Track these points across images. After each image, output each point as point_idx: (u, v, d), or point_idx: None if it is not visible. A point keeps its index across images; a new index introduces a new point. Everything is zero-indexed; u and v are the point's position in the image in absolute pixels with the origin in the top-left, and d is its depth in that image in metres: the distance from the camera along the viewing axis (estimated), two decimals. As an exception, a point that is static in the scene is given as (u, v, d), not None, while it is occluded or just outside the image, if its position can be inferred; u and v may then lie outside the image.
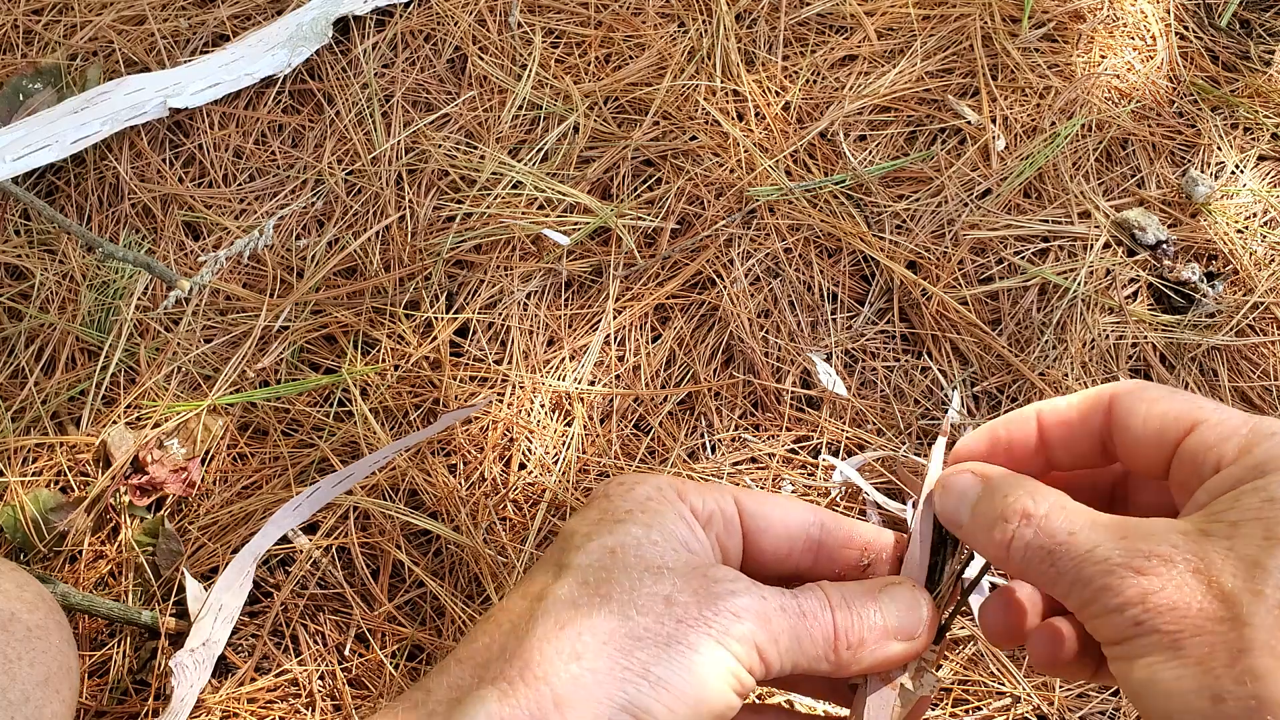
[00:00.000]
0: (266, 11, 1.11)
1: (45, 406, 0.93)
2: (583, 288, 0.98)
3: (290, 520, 0.87)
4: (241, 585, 0.85)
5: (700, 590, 0.40)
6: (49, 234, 1.01)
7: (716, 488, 0.45)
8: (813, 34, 1.09)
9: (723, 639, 0.39)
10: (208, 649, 0.82)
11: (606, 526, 0.42)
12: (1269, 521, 0.35)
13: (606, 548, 0.41)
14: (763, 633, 0.40)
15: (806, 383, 0.93)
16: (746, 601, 0.40)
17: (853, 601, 0.43)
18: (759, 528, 0.45)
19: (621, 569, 0.40)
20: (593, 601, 0.39)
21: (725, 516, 0.45)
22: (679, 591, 0.39)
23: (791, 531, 0.46)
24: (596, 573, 0.40)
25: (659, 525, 0.42)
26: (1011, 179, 1.01)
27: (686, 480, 0.45)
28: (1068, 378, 0.93)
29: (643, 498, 0.43)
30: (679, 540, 0.42)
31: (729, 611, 0.39)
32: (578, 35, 1.09)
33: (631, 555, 0.41)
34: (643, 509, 0.43)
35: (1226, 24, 1.12)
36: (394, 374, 0.93)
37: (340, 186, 1.02)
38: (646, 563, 0.40)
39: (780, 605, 0.41)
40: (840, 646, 0.42)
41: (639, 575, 0.40)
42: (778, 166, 1.01)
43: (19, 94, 1.07)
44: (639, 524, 0.42)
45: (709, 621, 0.39)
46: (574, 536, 0.42)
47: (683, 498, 0.44)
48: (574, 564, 0.41)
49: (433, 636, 0.84)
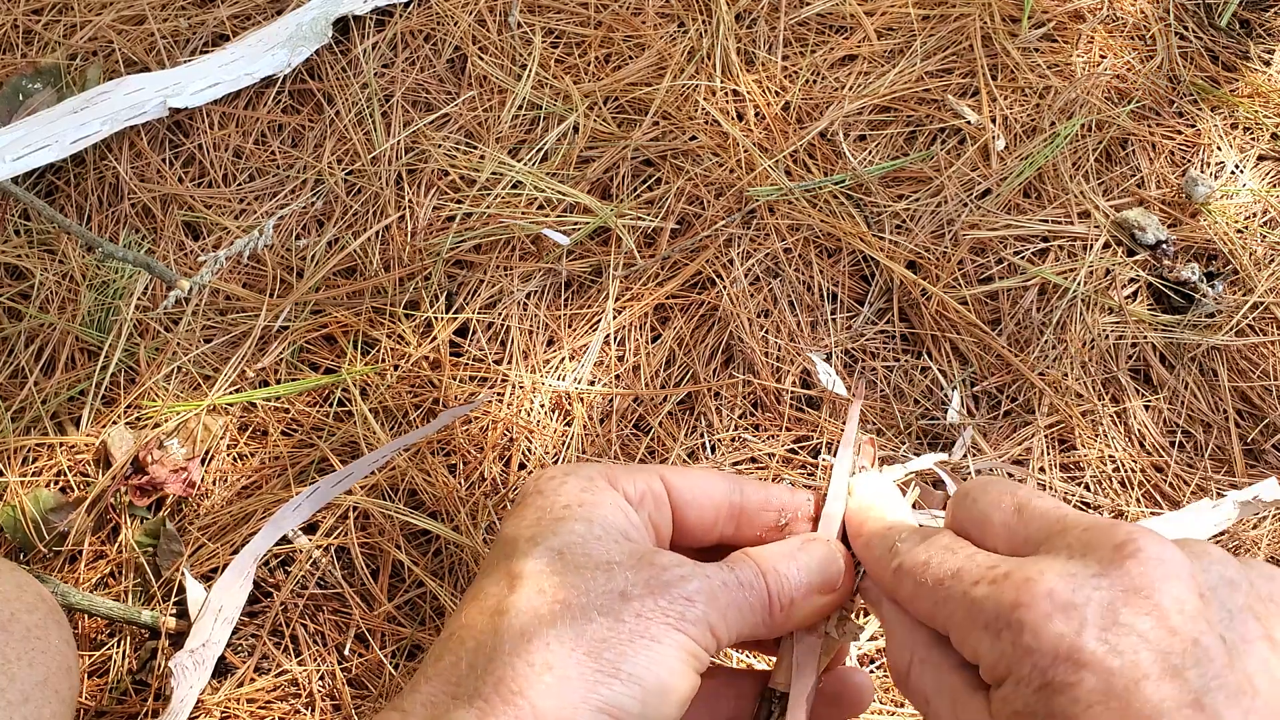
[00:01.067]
0: (266, 11, 1.11)
1: (45, 406, 0.93)
2: (583, 288, 0.98)
3: (290, 520, 0.87)
4: (242, 586, 0.85)
5: (651, 581, 0.41)
6: (49, 234, 1.01)
7: (643, 469, 0.47)
8: (813, 34, 1.09)
9: (680, 625, 0.40)
10: (208, 649, 0.82)
11: (548, 527, 0.43)
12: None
13: (553, 550, 0.42)
14: (713, 612, 0.41)
15: (806, 383, 0.93)
16: (696, 585, 0.41)
17: (777, 564, 0.45)
18: (685, 500, 0.47)
19: (573, 571, 0.41)
20: (552, 609, 0.40)
21: (655, 496, 0.46)
22: (631, 585, 0.41)
23: (716, 501, 0.48)
24: (549, 579, 0.41)
25: (598, 519, 0.43)
26: (1011, 179, 1.01)
27: (613, 465, 0.47)
28: (1067, 377, 0.93)
29: (576, 491, 0.44)
30: (618, 531, 0.43)
31: (682, 598, 0.41)
32: (578, 35, 1.09)
33: (579, 555, 0.42)
34: (579, 503, 0.44)
35: (1226, 24, 1.12)
36: (394, 374, 0.93)
37: (340, 186, 1.02)
38: (594, 560, 0.42)
39: (723, 582, 0.43)
40: (774, 610, 0.44)
41: (590, 575, 0.41)
42: (778, 166, 1.01)
43: (19, 94, 1.07)
44: (579, 520, 0.43)
45: (665, 611, 0.40)
46: (517, 542, 0.43)
47: (614, 484, 0.45)
48: (525, 572, 0.42)
49: (432, 636, 0.84)
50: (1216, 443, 0.92)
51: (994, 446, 0.91)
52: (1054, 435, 0.92)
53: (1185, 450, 0.92)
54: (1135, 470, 0.90)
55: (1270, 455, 0.92)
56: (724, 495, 0.48)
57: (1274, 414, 0.92)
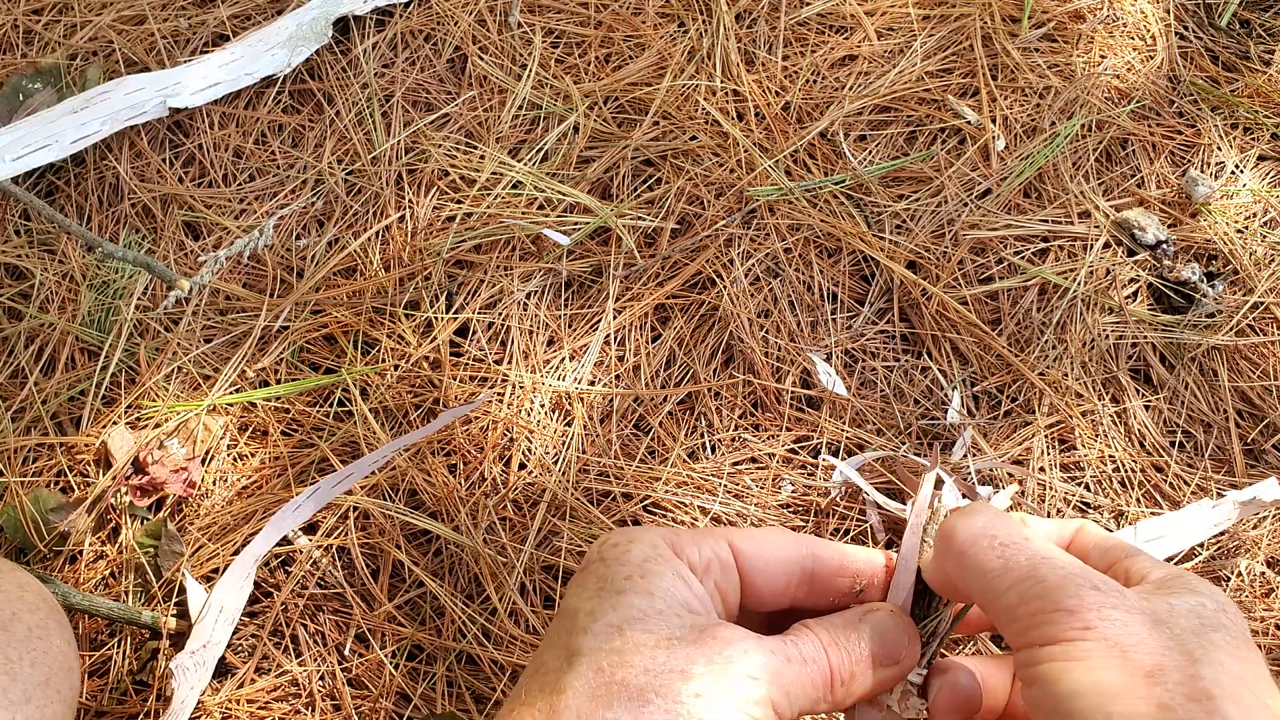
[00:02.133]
0: (266, 11, 1.11)
1: (45, 406, 0.93)
2: (583, 288, 0.98)
3: (290, 521, 0.87)
4: (242, 586, 0.85)
5: (713, 658, 0.40)
6: (49, 234, 1.01)
7: (709, 534, 0.45)
8: (813, 34, 1.09)
9: (742, 705, 0.39)
10: (209, 650, 0.82)
11: (608, 601, 0.42)
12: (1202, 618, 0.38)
13: (613, 626, 0.41)
14: (776, 689, 0.40)
15: (806, 383, 0.93)
16: (758, 661, 0.40)
17: (839, 637, 0.43)
18: (754, 568, 0.46)
19: (633, 649, 0.40)
20: (610, 690, 0.39)
21: (721, 562, 0.45)
22: (692, 663, 0.39)
23: (787, 567, 0.46)
24: (609, 656, 0.40)
25: (659, 591, 0.42)
26: (1011, 179, 1.01)
27: (679, 531, 0.45)
28: (1067, 377, 0.93)
29: (639, 560, 0.43)
30: (680, 603, 0.42)
31: (745, 676, 0.39)
32: (578, 35, 1.09)
33: (639, 632, 0.41)
34: (640, 573, 0.43)
35: (1226, 24, 1.12)
36: (394, 374, 0.93)
37: (340, 186, 1.02)
38: (656, 638, 0.40)
39: (786, 657, 0.41)
40: (835, 685, 0.42)
41: (650, 653, 0.40)
42: (778, 166, 1.01)
43: (19, 94, 1.07)
44: (639, 593, 0.42)
45: (727, 693, 0.39)
46: (578, 616, 0.42)
47: (679, 553, 0.44)
48: (584, 649, 0.40)
49: (432, 636, 0.84)
50: (1216, 443, 0.92)
51: (994, 446, 0.91)
52: (1054, 435, 0.92)
53: (1185, 450, 0.92)
54: (1135, 470, 0.90)
55: (1270, 455, 0.92)
56: (795, 560, 0.46)
57: (1274, 414, 0.92)
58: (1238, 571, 0.86)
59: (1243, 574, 0.86)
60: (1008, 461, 0.91)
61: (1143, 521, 0.88)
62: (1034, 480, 0.89)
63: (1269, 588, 0.86)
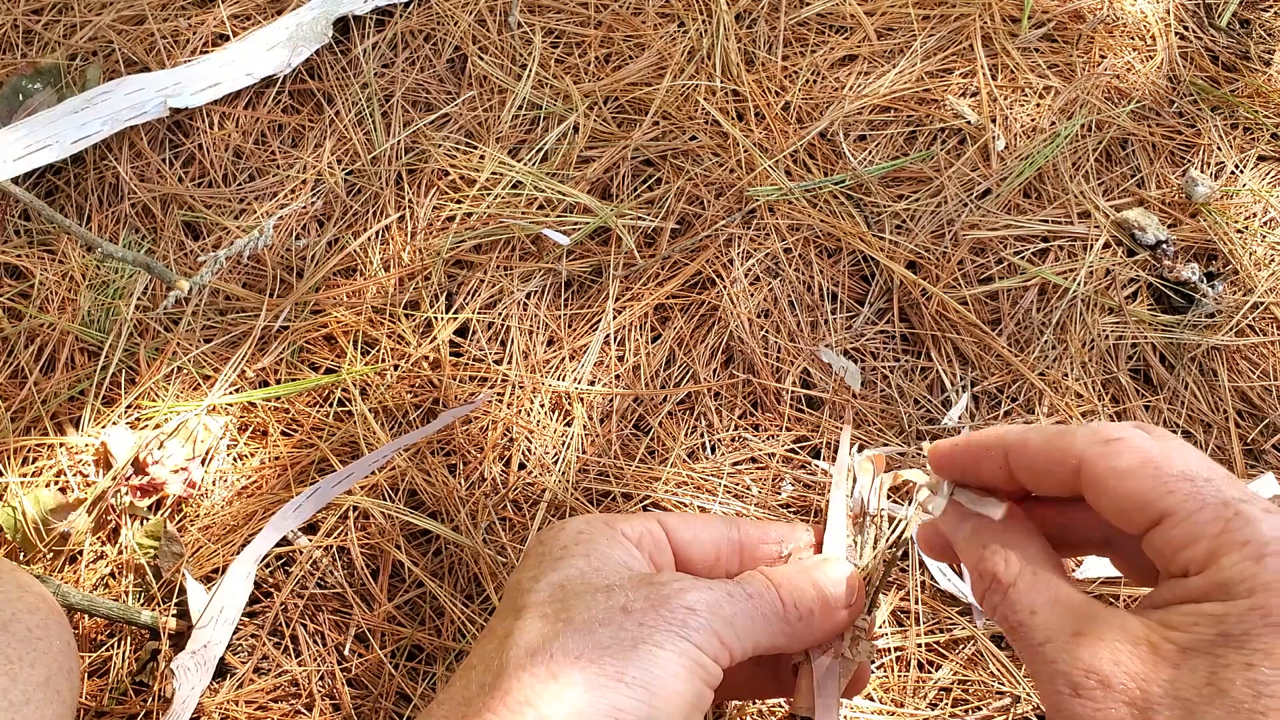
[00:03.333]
0: (266, 11, 1.11)
1: (45, 406, 0.93)
2: (582, 288, 0.98)
3: (290, 521, 0.87)
4: (242, 587, 0.85)
5: (652, 595, 0.42)
6: (49, 234, 1.01)
7: (640, 515, 0.49)
8: (813, 34, 1.09)
9: (683, 631, 0.41)
10: (209, 650, 0.82)
11: (549, 565, 0.44)
12: (1215, 663, 0.34)
13: (554, 583, 0.43)
14: (718, 620, 0.42)
15: (806, 383, 0.93)
16: (696, 595, 0.42)
17: (791, 578, 0.46)
18: (684, 540, 0.49)
19: (574, 596, 0.42)
20: (556, 627, 0.41)
21: (654, 537, 0.48)
22: (633, 600, 0.42)
23: (715, 539, 0.49)
24: (553, 604, 0.42)
25: (596, 553, 0.45)
26: (1011, 179, 1.01)
27: (612, 513, 0.49)
28: (1067, 378, 0.93)
29: (574, 533, 0.46)
30: (617, 562, 0.45)
31: (683, 607, 0.42)
32: (578, 35, 1.09)
33: (579, 584, 0.43)
34: (576, 542, 0.45)
35: (1226, 24, 1.12)
36: (394, 374, 0.93)
37: (340, 186, 1.02)
38: (595, 586, 0.43)
39: (728, 592, 0.43)
40: (790, 617, 0.45)
41: (592, 596, 0.42)
42: (778, 166, 1.01)
43: (19, 94, 1.07)
44: (578, 556, 0.45)
45: (667, 620, 0.41)
46: (521, 583, 0.45)
47: (612, 526, 0.47)
48: (530, 603, 0.43)
49: (432, 636, 0.84)
50: (1216, 443, 0.92)
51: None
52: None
53: (1185, 450, 0.92)
54: (1135, 470, 0.90)
55: (1270, 455, 0.92)
56: (723, 534, 0.49)
57: (1274, 414, 0.92)
58: (1238, 571, 0.86)
59: (1243, 574, 0.86)
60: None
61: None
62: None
63: (1269, 588, 0.86)
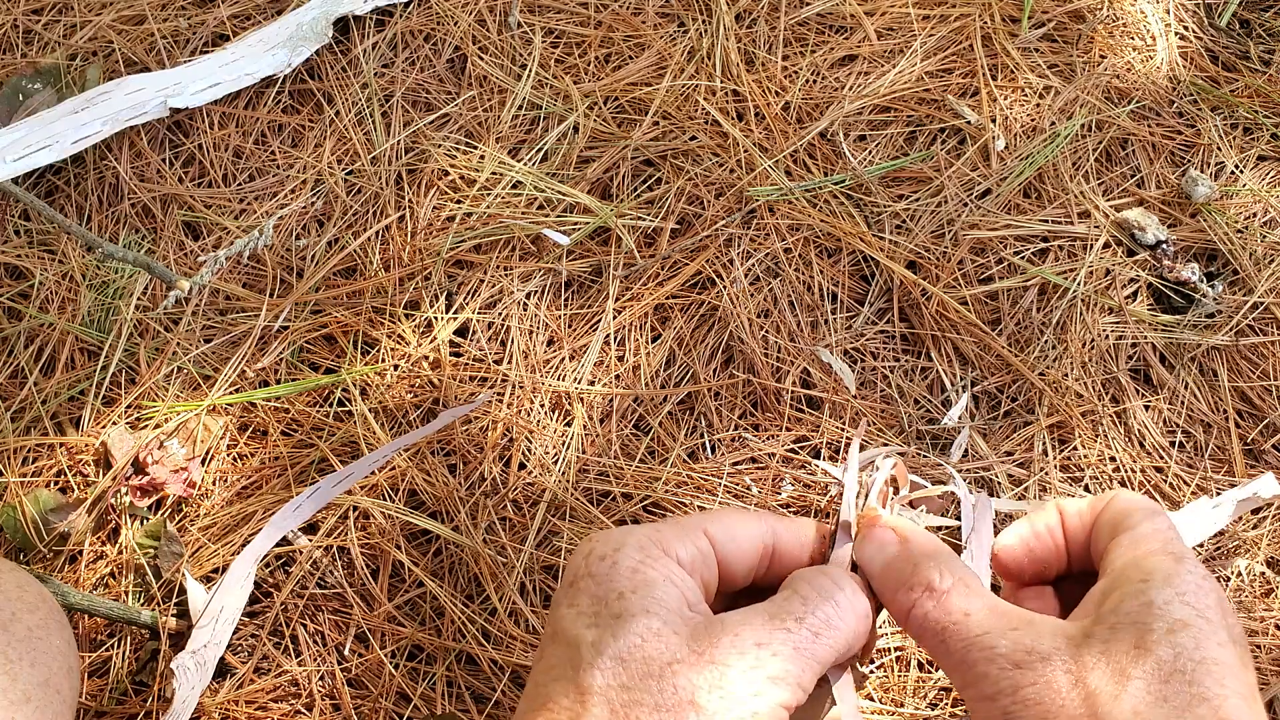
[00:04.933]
0: (266, 11, 1.11)
1: (45, 406, 0.93)
2: (582, 288, 0.98)
3: (290, 521, 0.87)
4: (242, 587, 0.85)
5: (717, 683, 0.40)
6: (49, 234, 1.01)
7: (690, 527, 0.46)
8: (813, 34, 1.09)
9: (754, 706, 0.40)
10: (209, 650, 0.82)
11: (608, 629, 0.42)
12: (1141, 630, 0.38)
13: (618, 659, 0.41)
14: (787, 693, 0.41)
15: (806, 383, 0.93)
16: (763, 677, 0.40)
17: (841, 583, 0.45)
18: (728, 553, 0.47)
19: (639, 684, 0.40)
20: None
21: (704, 555, 0.46)
22: (699, 691, 0.40)
23: (754, 547, 0.47)
24: (619, 694, 0.40)
25: (655, 606, 0.42)
26: (1011, 179, 1.01)
27: (661, 526, 0.45)
28: (1067, 378, 0.93)
29: (629, 570, 0.43)
30: (675, 612, 0.42)
31: (752, 695, 0.40)
32: (578, 35, 1.09)
33: (642, 664, 0.41)
34: (632, 588, 0.42)
35: (1226, 24, 1.12)
36: (394, 374, 0.93)
37: (340, 186, 1.02)
38: (659, 664, 0.40)
39: (794, 646, 0.41)
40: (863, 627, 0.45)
41: (657, 687, 0.40)
42: (778, 166, 1.01)
43: (19, 94, 1.07)
44: (638, 613, 0.42)
45: (740, 718, 0.39)
46: (581, 647, 0.42)
47: (668, 552, 0.44)
48: (594, 688, 0.40)
49: (432, 636, 0.84)
50: (1216, 443, 0.92)
51: (994, 447, 0.91)
52: (1054, 435, 0.92)
53: (1185, 450, 0.92)
54: (1135, 470, 0.90)
55: (1270, 455, 0.92)
56: (759, 538, 0.48)
57: (1274, 414, 0.92)
58: (1238, 571, 0.86)
59: (1242, 574, 0.86)
60: (1010, 463, 0.91)
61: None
62: (1035, 480, 0.89)
63: (1269, 588, 0.86)
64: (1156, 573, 0.40)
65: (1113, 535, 0.44)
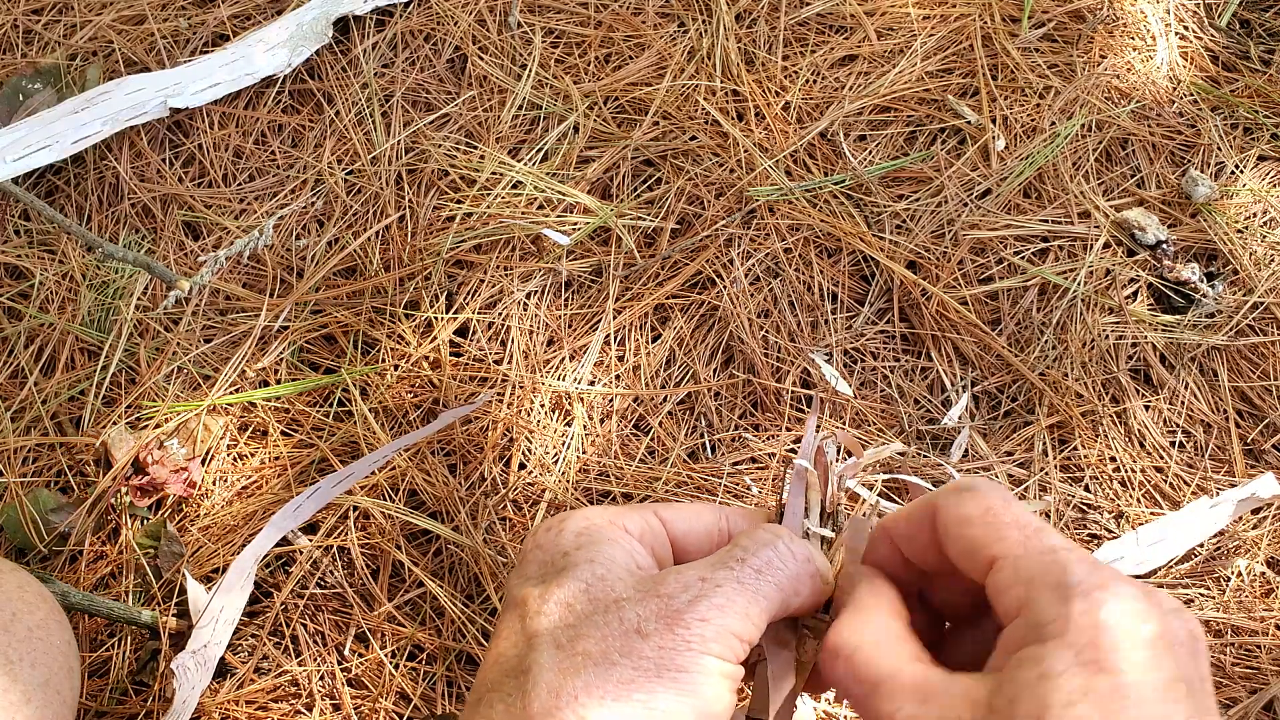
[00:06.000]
0: (266, 11, 1.11)
1: (45, 406, 0.93)
2: (583, 288, 0.98)
3: (290, 521, 0.87)
4: (243, 587, 0.85)
5: (664, 610, 0.41)
6: (49, 234, 1.01)
7: (640, 508, 0.47)
8: (813, 34, 1.09)
9: (704, 646, 0.40)
10: (209, 650, 0.82)
11: (554, 580, 0.43)
12: (1040, 702, 0.34)
13: (563, 604, 0.42)
14: (733, 618, 0.41)
15: (806, 383, 0.93)
16: (708, 604, 0.41)
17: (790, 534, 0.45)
18: (681, 532, 0.48)
19: (585, 619, 0.41)
20: (574, 661, 0.40)
21: (654, 531, 0.47)
22: (645, 622, 0.40)
23: (708, 531, 0.48)
24: (565, 631, 0.41)
25: (600, 557, 0.43)
26: (1011, 179, 1.01)
27: (611, 506, 0.48)
28: (1068, 378, 0.93)
29: (574, 535, 0.45)
30: (621, 565, 0.43)
31: (696, 621, 0.40)
32: (578, 35, 1.09)
33: (586, 602, 0.42)
34: (578, 546, 0.44)
35: (1226, 24, 1.12)
36: (394, 374, 0.93)
37: (340, 186, 1.02)
38: (604, 603, 0.41)
39: (737, 579, 0.42)
40: (805, 570, 0.44)
41: (603, 617, 0.41)
42: (778, 166, 1.01)
43: (19, 94, 1.07)
44: (582, 563, 0.43)
45: (685, 639, 0.40)
46: (527, 602, 0.43)
47: (613, 521, 0.45)
48: (540, 629, 0.42)
49: (432, 636, 0.84)
50: (1216, 443, 0.92)
51: (994, 447, 0.91)
52: (1054, 435, 0.92)
53: (1185, 450, 0.92)
54: (1135, 470, 0.90)
55: (1270, 455, 0.92)
56: (712, 523, 0.49)
57: (1274, 414, 0.92)
58: (1238, 571, 0.86)
59: (1242, 574, 0.86)
60: (1010, 462, 0.91)
61: (1143, 526, 0.88)
62: (1035, 480, 0.89)
63: (1269, 588, 0.86)
64: (1049, 626, 0.35)
65: (976, 565, 0.40)
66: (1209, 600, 0.85)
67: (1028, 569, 0.37)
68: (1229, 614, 0.85)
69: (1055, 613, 0.35)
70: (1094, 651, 0.34)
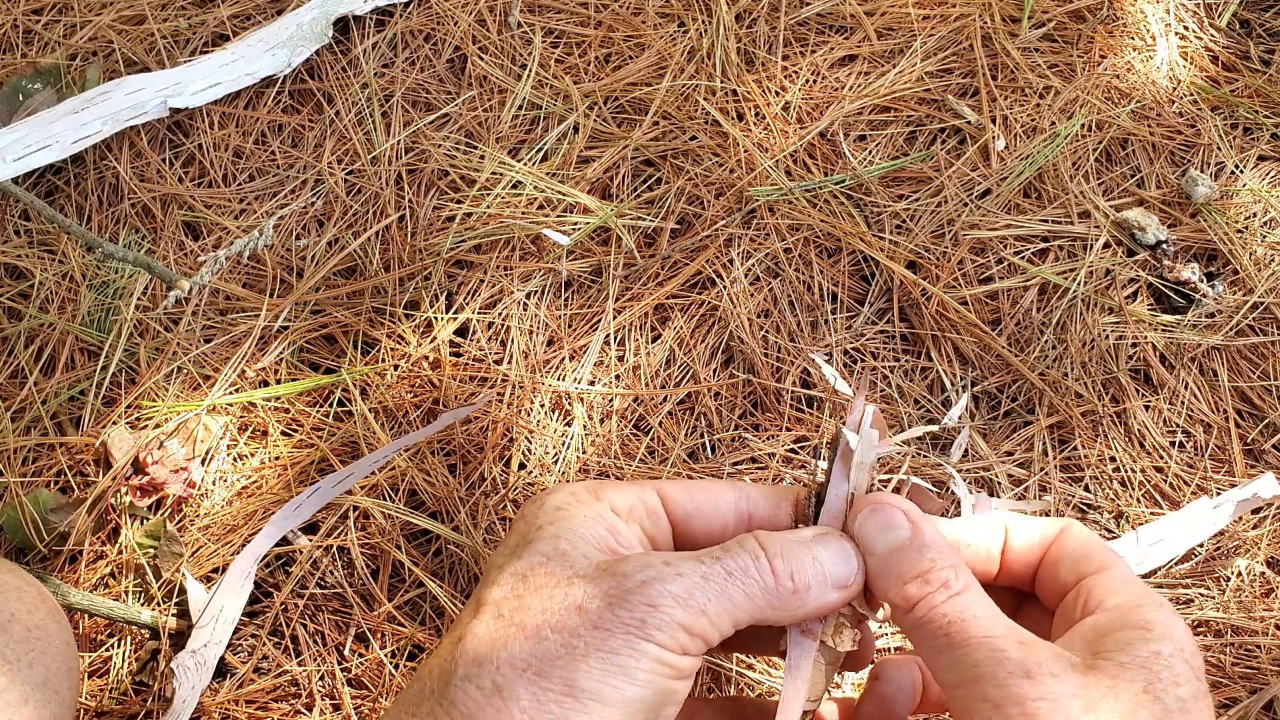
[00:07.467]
0: (266, 11, 1.11)
1: (45, 406, 0.93)
2: (583, 288, 0.98)
3: (290, 521, 0.87)
4: (242, 586, 0.85)
5: (611, 591, 0.40)
6: (49, 234, 1.01)
7: (637, 482, 0.46)
8: (813, 34, 1.09)
9: (642, 632, 0.39)
10: (209, 650, 0.82)
11: (518, 552, 0.42)
12: (1150, 676, 0.39)
13: (518, 574, 0.41)
14: (686, 611, 0.40)
15: (806, 383, 0.93)
16: (660, 589, 0.40)
17: (788, 550, 0.43)
18: (686, 512, 0.46)
19: (533, 591, 0.41)
20: (508, 633, 0.40)
21: (648, 507, 0.45)
22: (589, 599, 0.40)
23: (722, 511, 0.47)
24: (510, 601, 0.41)
25: (569, 532, 0.42)
26: (1011, 179, 1.01)
27: (605, 480, 0.46)
28: (1067, 378, 0.93)
29: (553, 508, 0.44)
30: (589, 542, 0.42)
31: (644, 604, 0.39)
32: (578, 35, 1.09)
33: (542, 575, 0.41)
34: (552, 520, 0.43)
35: (1226, 24, 1.12)
36: (394, 374, 0.93)
37: (340, 186, 1.02)
38: (557, 579, 0.41)
39: (703, 574, 0.41)
40: (784, 591, 0.42)
41: (550, 592, 0.40)
42: (778, 166, 1.01)
43: (19, 94, 1.07)
44: (548, 538, 0.42)
45: (624, 621, 0.39)
46: (490, 571, 0.43)
47: (598, 497, 0.44)
48: (489, 599, 0.41)
49: (432, 636, 0.84)
50: (1216, 443, 0.92)
51: (994, 447, 0.91)
52: (1054, 435, 0.92)
53: (1185, 450, 0.92)
54: (1135, 470, 0.90)
55: (1270, 455, 0.92)
56: (730, 503, 0.47)
57: (1274, 414, 0.92)
58: (1238, 571, 0.86)
59: (1242, 574, 0.86)
60: (1011, 462, 0.91)
61: (1143, 526, 0.88)
62: (1035, 480, 0.89)
63: (1269, 588, 0.86)
64: (1157, 624, 0.41)
65: (1077, 572, 0.45)
66: (1209, 600, 0.85)
67: (1134, 590, 0.44)
68: (1229, 614, 0.85)
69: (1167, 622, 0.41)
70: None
